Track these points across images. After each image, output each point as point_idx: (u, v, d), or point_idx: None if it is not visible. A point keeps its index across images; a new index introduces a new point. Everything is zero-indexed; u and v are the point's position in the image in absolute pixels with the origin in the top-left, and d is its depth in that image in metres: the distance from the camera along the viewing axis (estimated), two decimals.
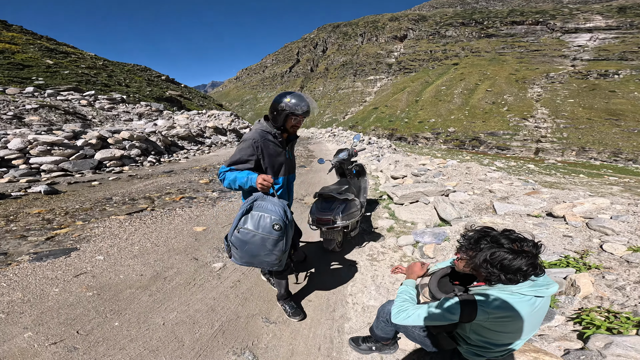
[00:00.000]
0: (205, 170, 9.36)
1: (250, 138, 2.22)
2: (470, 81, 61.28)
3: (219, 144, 15.50)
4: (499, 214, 3.89)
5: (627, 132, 37.94)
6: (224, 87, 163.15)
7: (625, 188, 12.95)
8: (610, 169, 25.68)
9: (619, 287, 2.22)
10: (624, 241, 2.91)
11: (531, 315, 1.35)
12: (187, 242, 3.94)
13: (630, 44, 60.05)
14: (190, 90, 37.51)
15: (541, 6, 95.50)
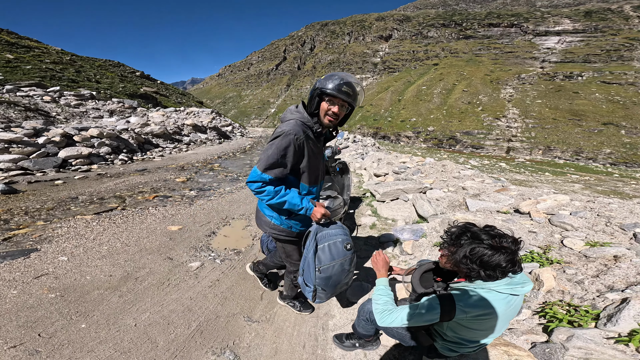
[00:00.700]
0: (183, 168, 9.07)
1: (290, 132, 1.70)
2: (448, 81, 63.44)
3: (198, 142, 15.11)
4: (471, 210, 4.05)
5: (587, 132, 40.68)
6: (204, 84, 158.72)
7: (585, 186, 14.02)
8: (572, 167, 27.48)
9: (578, 281, 2.31)
10: (582, 236, 3.06)
11: (506, 313, 1.37)
12: (161, 242, 3.78)
13: (594, 47, 64.40)
14: (167, 86, 36.21)
15: (516, 9, 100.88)
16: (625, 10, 77.24)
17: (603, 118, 42.36)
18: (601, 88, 49.33)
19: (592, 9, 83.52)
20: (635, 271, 2.24)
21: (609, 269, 2.34)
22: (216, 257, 3.48)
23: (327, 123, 1.78)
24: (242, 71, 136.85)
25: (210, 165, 9.95)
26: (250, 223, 4.71)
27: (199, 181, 7.50)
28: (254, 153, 14.68)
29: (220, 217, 4.85)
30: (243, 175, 8.72)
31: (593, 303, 1.98)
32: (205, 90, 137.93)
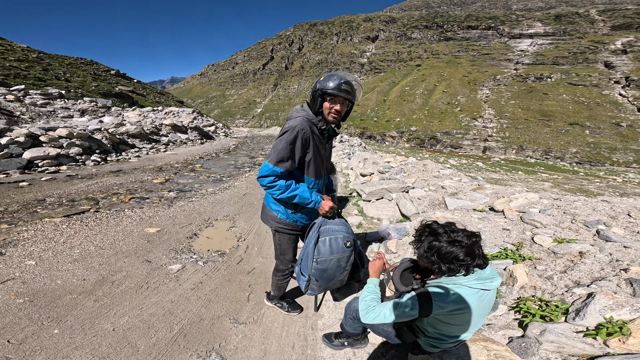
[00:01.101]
0: (161, 169, 8.81)
1: (297, 127, 1.80)
2: (430, 82, 64.33)
3: (177, 143, 14.73)
4: (449, 209, 4.19)
5: (556, 132, 42.68)
6: (185, 84, 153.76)
7: (554, 184, 14.84)
8: (542, 166, 28.84)
9: (548, 277, 2.40)
10: (551, 233, 3.22)
11: (479, 307, 1.43)
12: (138, 244, 3.67)
13: (563, 49, 67.00)
14: (144, 85, 34.90)
15: (493, 12, 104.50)
16: (591, 14, 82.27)
17: (569, 118, 44.85)
18: (568, 89, 52.19)
19: (561, 12, 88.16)
20: (598, 267, 2.39)
21: (575, 265, 2.49)
22: (198, 259, 3.40)
23: (331, 120, 1.88)
24: (227, 70, 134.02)
25: (192, 166, 9.73)
26: (235, 224, 4.62)
27: (178, 182, 7.32)
28: (239, 153, 14.46)
29: (203, 219, 4.75)
30: (227, 176, 8.57)
31: (562, 298, 2.07)
32: (186, 90, 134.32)
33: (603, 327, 1.60)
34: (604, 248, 2.74)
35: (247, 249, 3.78)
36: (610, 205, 4.14)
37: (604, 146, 38.54)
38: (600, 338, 1.58)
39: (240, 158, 12.88)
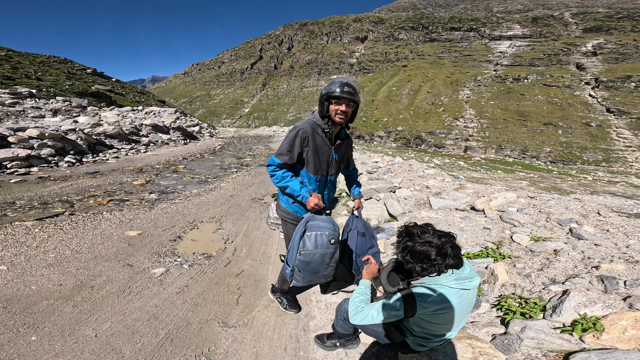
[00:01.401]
0: (141, 170, 8.55)
1: (299, 127, 2.04)
2: (415, 82, 65.31)
3: (159, 143, 14.36)
4: (434, 208, 4.30)
5: (532, 132, 44.43)
6: (168, 83, 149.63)
7: (531, 183, 15.48)
8: (520, 165, 29.99)
9: (526, 275, 2.50)
10: (528, 232, 3.35)
11: (460, 306, 1.49)
12: (119, 248, 3.57)
13: (538, 51, 69.63)
14: (123, 84, 33.63)
15: (475, 14, 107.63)
16: (565, 17, 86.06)
17: (544, 118, 46.80)
18: (543, 90, 54.45)
19: (538, 15, 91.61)
20: (572, 264, 2.51)
21: (550, 263, 2.61)
22: (183, 262, 3.33)
23: (338, 121, 2.02)
24: (212, 70, 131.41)
25: (174, 167, 9.50)
26: (221, 226, 4.54)
27: (160, 184, 7.14)
28: (225, 154, 14.22)
29: (187, 221, 4.65)
30: (212, 177, 8.42)
31: (540, 295, 2.17)
32: (168, 89, 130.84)
33: (578, 324, 1.70)
34: (577, 246, 2.88)
35: (235, 251, 3.72)
36: (581, 204, 4.36)
37: (575, 145, 40.53)
38: (576, 334, 1.67)
39: (227, 159, 12.67)
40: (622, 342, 1.54)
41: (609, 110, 46.87)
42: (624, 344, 1.54)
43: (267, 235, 4.25)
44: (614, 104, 47.35)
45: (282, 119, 76.24)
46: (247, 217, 4.99)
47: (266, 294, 2.82)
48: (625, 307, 1.82)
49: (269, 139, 27.49)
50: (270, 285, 2.96)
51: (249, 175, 8.95)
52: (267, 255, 3.66)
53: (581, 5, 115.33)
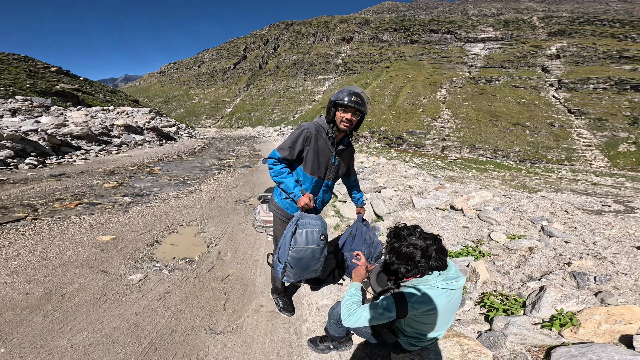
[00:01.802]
0: (113, 172, 8.16)
1: (304, 127, 2.13)
2: (397, 83, 66.59)
3: (132, 144, 13.75)
4: (417, 208, 4.42)
5: (502, 132, 46.72)
6: (142, 82, 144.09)
7: (502, 181, 16.25)
8: (492, 165, 31.42)
9: (505, 272, 2.63)
10: (504, 230, 3.52)
11: (448, 306, 1.56)
12: (90, 254, 3.39)
13: (509, 54, 73.44)
14: (92, 83, 31.79)
15: (452, 17, 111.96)
16: (533, 20, 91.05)
17: (513, 119, 49.35)
18: (512, 92, 57.40)
19: (509, 19, 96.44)
20: (546, 261, 2.66)
21: (526, 260, 2.75)
22: (163, 268, 3.20)
23: (342, 128, 2.08)
24: (192, 69, 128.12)
25: (149, 169, 9.14)
26: (203, 230, 4.40)
27: (134, 186, 6.85)
28: (206, 155, 13.83)
29: (165, 225, 4.48)
30: (192, 179, 8.16)
31: (519, 292, 2.28)
32: (142, 89, 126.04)
33: (556, 319, 1.80)
34: (549, 243, 3.05)
35: (220, 255, 3.62)
36: (550, 202, 4.62)
37: (541, 145, 43.01)
38: (555, 329, 1.77)
39: (208, 160, 12.32)
40: (597, 336, 1.65)
41: (570, 111, 50.11)
42: (599, 337, 1.65)
43: (253, 238, 4.15)
44: (574, 105, 50.69)
45: (267, 120, 75.50)
46: (232, 220, 4.87)
47: (255, 299, 2.77)
48: (598, 302, 1.95)
49: (253, 139, 26.99)
50: (259, 289, 2.93)
51: (232, 176, 8.75)
52: (255, 258, 3.59)
53: (548, 9, 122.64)
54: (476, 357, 1.60)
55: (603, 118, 46.21)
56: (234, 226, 4.59)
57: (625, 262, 2.40)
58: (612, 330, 1.65)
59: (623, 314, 1.67)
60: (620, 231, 3.38)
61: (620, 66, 57.35)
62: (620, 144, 41.23)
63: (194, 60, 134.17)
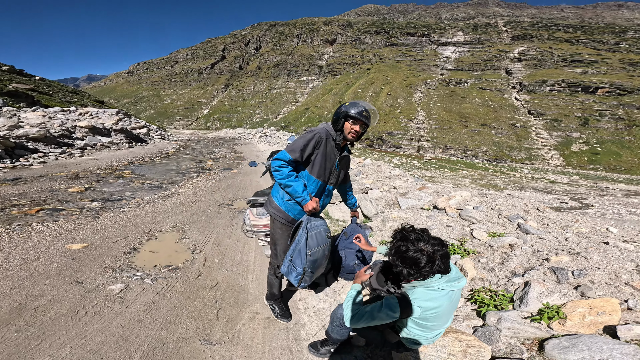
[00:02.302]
0: (77, 176, 7.66)
1: (315, 131, 2.21)
2: (377, 85, 68.60)
3: (98, 147, 12.98)
4: (402, 208, 4.54)
5: (471, 133, 49.30)
6: (107, 82, 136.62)
7: (472, 180, 17.12)
8: (462, 164, 32.96)
9: (491, 269, 2.75)
10: (485, 228, 3.70)
11: (450, 305, 1.63)
12: (60, 263, 3.17)
13: (477, 57, 77.95)
14: (50, 83, 29.49)
15: (427, 21, 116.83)
16: (499, 25, 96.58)
17: (480, 120, 52.15)
18: (479, 93, 60.69)
19: (478, 23, 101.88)
20: (526, 257, 2.82)
21: (508, 257, 2.89)
22: (145, 277, 3.05)
23: (350, 138, 2.23)
24: (163, 69, 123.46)
25: (119, 172, 8.66)
26: (185, 235, 4.23)
27: (103, 190, 6.49)
28: (181, 157, 13.31)
29: (142, 231, 4.26)
30: (168, 182, 7.82)
31: (506, 287, 2.40)
32: (107, 89, 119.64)
33: (544, 312, 1.91)
34: (527, 240, 3.24)
35: (206, 261, 3.50)
36: (523, 200, 4.91)
37: (505, 145, 45.71)
38: (544, 322, 1.88)
39: (184, 162, 11.85)
40: (584, 328, 1.78)
41: (530, 112, 53.71)
42: (585, 329, 1.78)
43: (241, 243, 4.06)
44: (533, 107, 54.38)
45: (247, 121, 74.32)
46: (216, 225, 4.72)
47: (249, 306, 2.70)
48: (579, 295, 2.10)
49: (233, 141, 26.19)
50: (253, 296, 2.86)
51: (212, 179, 8.47)
52: (245, 264, 3.50)
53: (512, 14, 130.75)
54: (476, 352, 1.67)
55: (558, 119, 49.99)
56: (219, 231, 4.46)
57: (596, 257, 2.61)
58: (596, 322, 1.79)
59: (603, 306, 1.81)
60: (587, 227, 3.67)
61: (572, 69, 62.40)
62: (573, 143, 44.82)
63: (166, 60, 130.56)
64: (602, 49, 70.70)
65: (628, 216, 9.23)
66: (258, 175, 8.97)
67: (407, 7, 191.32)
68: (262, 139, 24.12)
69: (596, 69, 60.23)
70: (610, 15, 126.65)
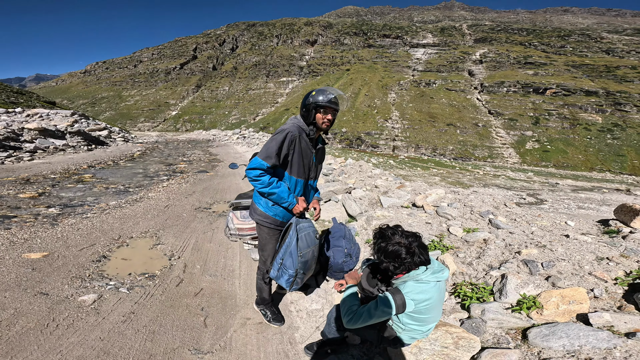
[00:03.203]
0: (28, 181, 7.05)
1: (286, 129, 2.08)
2: (355, 86, 69.23)
3: (51, 150, 11.99)
4: (385, 207, 4.66)
5: (439, 132, 51.55)
6: (60, 82, 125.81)
7: (442, 178, 17.95)
8: (433, 163, 34.31)
9: (469, 263, 2.90)
10: (460, 224, 3.90)
11: (439, 297, 1.72)
12: (19, 274, 2.93)
13: (443, 58, 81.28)
14: None
15: (400, 23, 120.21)
16: (463, 28, 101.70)
17: (447, 119, 54.69)
18: (446, 94, 63.61)
19: (445, 26, 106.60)
20: (500, 251, 3.01)
21: (484, 251, 3.07)
22: (119, 286, 2.88)
23: (324, 127, 2.17)
24: (126, 68, 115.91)
25: (78, 177, 8.07)
26: (160, 241, 4.03)
27: (60, 196, 6.04)
28: (149, 160, 12.58)
29: (111, 238, 4.01)
30: (135, 186, 7.39)
31: (485, 280, 2.56)
32: (60, 89, 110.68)
33: (523, 303, 2.07)
34: (498, 235, 3.46)
35: (186, 267, 3.36)
36: (492, 197, 5.23)
37: (469, 144, 48.32)
38: (524, 312, 2.03)
39: (152, 165, 11.21)
40: (559, 316, 1.95)
41: (490, 112, 57.18)
42: (560, 317, 1.95)
43: (224, 247, 3.94)
44: (492, 107, 57.92)
45: (222, 122, 71.84)
46: (194, 229, 4.54)
47: (239, 312, 2.64)
48: (550, 285, 2.29)
49: (207, 143, 25.16)
50: (241, 301, 2.80)
51: (186, 183, 8.11)
52: (230, 269, 3.40)
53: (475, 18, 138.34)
54: (467, 343, 1.76)
55: (514, 118, 53.69)
56: (199, 235, 4.30)
57: (560, 249, 2.85)
58: (570, 310, 1.96)
59: (573, 295, 1.99)
60: (549, 221, 4.00)
61: (525, 71, 67.21)
62: (527, 141, 48.38)
63: (128, 59, 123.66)
64: (550, 51, 76.93)
65: (577, 210, 10.17)
66: (237, 177, 8.75)
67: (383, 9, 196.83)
68: (240, 141, 23.48)
69: (545, 71, 65.16)
70: (557, 19, 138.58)
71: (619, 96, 52.92)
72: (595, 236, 3.35)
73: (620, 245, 2.93)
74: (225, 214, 5.29)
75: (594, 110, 52.09)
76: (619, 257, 2.64)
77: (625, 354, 1.63)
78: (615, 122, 48.78)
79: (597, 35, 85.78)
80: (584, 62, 67.27)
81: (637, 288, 2.13)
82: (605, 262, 2.57)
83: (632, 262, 2.55)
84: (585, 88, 56.04)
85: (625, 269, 2.45)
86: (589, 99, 54.08)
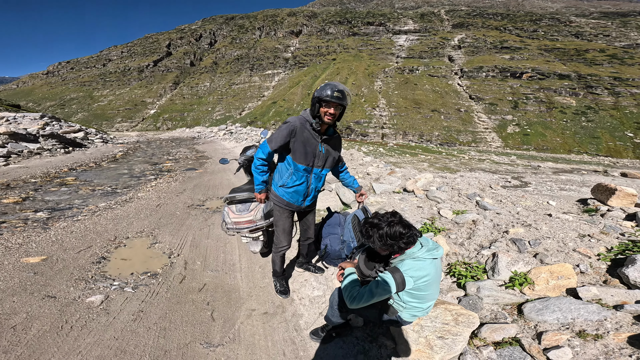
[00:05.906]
0: (9, 186, 6.82)
1: (290, 120, 2.37)
2: (342, 75, 68.68)
3: (25, 154, 11.51)
4: (377, 193, 4.79)
5: (424, 118, 52.18)
6: (21, 84, 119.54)
7: (430, 164, 18.28)
8: (420, 149, 34.58)
9: (461, 244, 3.06)
10: (449, 207, 4.09)
11: (436, 274, 1.80)
12: (22, 278, 2.94)
13: (424, 45, 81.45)
14: None
15: (383, 10, 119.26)
16: (441, 13, 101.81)
17: (431, 106, 55.30)
18: (429, 80, 64.09)
19: (424, 12, 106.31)
20: (489, 231, 3.19)
21: (474, 232, 3.25)
22: (124, 286, 2.91)
23: (326, 121, 2.31)
24: (94, 68, 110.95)
25: (60, 180, 7.84)
26: (157, 240, 4.03)
27: (46, 200, 5.90)
28: (133, 161, 12.28)
29: (106, 239, 3.99)
30: (122, 187, 7.24)
31: (477, 259, 2.72)
32: (22, 92, 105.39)
33: (515, 280, 2.23)
34: (486, 216, 3.64)
35: (187, 264, 3.40)
36: (478, 180, 5.44)
37: (453, 129, 49.14)
38: (517, 288, 2.19)
39: (137, 166, 10.93)
40: (550, 291, 2.12)
41: (471, 97, 58.08)
42: (551, 292, 2.12)
43: (221, 242, 3.97)
44: (473, 92, 58.80)
45: (206, 119, 70.30)
46: (190, 226, 4.55)
47: (244, 304, 2.72)
48: (538, 262, 2.47)
49: (192, 140, 24.47)
50: (245, 293, 2.88)
51: (175, 181, 7.99)
52: (230, 263, 3.46)
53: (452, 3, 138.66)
54: (466, 319, 1.90)
55: (494, 103, 54.78)
56: (195, 232, 4.32)
57: (545, 227, 3.05)
58: (559, 285, 2.13)
59: (561, 271, 2.16)
60: (532, 202, 4.22)
61: (502, 55, 68.31)
62: (508, 125, 49.61)
63: (95, 58, 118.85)
64: (524, 36, 78.30)
65: (559, 192, 10.63)
66: (228, 173, 8.65)
67: None
68: (227, 137, 22.99)
69: (520, 55, 66.38)
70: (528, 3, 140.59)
71: (590, 79, 54.73)
72: (575, 215, 3.58)
73: (599, 223, 3.13)
74: (220, 210, 5.30)
75: (567, 93, 53.77)
76: (599, 234, 2.84)
77: (616, 325, 1.78)
78: (588, 105, 50.57)
79: (566, 19, 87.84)
80: (556, 45, 69.00)
81: (619, 263, 2.30)
82: (587, 239, 2.76)
83: (612, 239, 2.74)
84: (558, 72, 57.66)
85: (606, 245, 2.64)
86: (562, 82, 55.72)
